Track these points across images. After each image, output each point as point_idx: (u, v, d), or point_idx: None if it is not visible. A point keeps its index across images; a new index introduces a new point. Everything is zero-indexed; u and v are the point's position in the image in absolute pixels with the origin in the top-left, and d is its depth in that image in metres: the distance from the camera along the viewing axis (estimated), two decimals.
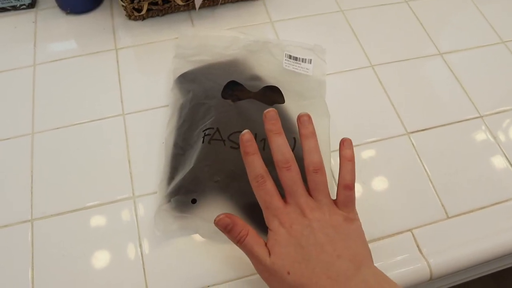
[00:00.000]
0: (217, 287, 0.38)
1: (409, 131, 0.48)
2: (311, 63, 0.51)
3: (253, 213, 0.38)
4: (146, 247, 0.40)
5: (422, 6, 0.60)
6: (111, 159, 0.44)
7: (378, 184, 0.45)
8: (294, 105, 0.47)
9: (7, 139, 0.46)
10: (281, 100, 0.47)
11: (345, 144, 0.38)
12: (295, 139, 0.43)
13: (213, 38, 0.52)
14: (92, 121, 0.47)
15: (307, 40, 0.53)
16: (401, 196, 0.44)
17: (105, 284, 0.38)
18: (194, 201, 0.39)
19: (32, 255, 0.39)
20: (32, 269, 0.38)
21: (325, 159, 0.38)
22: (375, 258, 0.35)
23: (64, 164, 0.44)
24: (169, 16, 0.57)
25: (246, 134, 0.36)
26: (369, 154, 0.46)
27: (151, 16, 0.56)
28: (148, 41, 0.54)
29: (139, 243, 0.40)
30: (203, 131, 0.42)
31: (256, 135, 0.42)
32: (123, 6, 0.54)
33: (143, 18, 0.56)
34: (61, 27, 0.55)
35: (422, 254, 0.40)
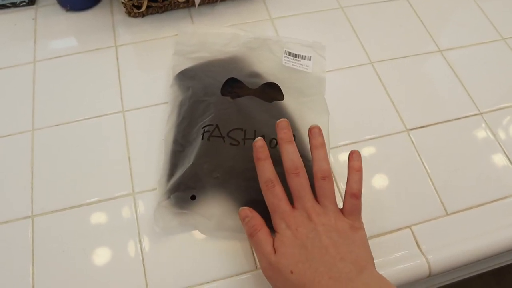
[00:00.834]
0: (217, 283, 0.38)
1: (408, 128, 0.48)
2: (310, 60, 0.51)
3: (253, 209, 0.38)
4: (146, 243, 0.40)
5: (422, 3, 0.60)
6: (110, 155, 0.45)
7: (377, 181, 0.45)
8: (293, 102, 0.47)
9: (7, 135, 0.46)
10: (280, 97, 0.47)
11: (354, 156, 0.38)
12: (294, 135, 0.43)
13: (212, 35, 0.52)
14: (92, 118, 0.47)
15: (306, 37, 0.53)
16: (400, 193, 0.44)
17: (105, 280, 0.38)
18: (193, 197, 0.40)
19: (33, 251, 0.39)
20: (33, 265, 0.38)
21: None
22: (374, 254, 0.35)
23: (64, 161, 0.44)
24: (168, 13, 0.57)
25: (259, 141, 0.38)
26: (368, 151, 0.47)
27: (151, 13, 0.56)
28: (147, 38, 0.54)
29: (139, 239, 0.40)
30: (202, 128, 0.42)
31: (255, 131, 0.42)
32: (122, 3, 0.54)
33: (142, 15, 0.56)
34: (61, 24, 0.55)
35: (421, 250, 0.40)
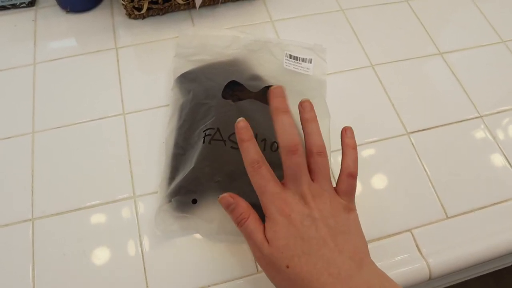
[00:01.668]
0: (217, 287, 0.38)
1: (409, 131, 0.48)
2: (311, 62, 0.51)
3: None
4: (147, 246, 0.40)
5: (423, 6, 0.60)
6: (111, 158, 0.45)
7: (377, 184, 0.45)
8: (294, 105, 0.47)
9: (7, 138, 0.46)
10: None
11: (348, 133, 0.37)
12: None
13: (213, 38, 0.52)
14: (92, 120, 0.47)
15: (307, 39, 0.53)
16: (400, 196, 0.44)
17: (106, 284, 0.38)
18: (194, 201, 0.40)
19: (33, 254, 0.39)
20: (33, 268, 0.38)
21: None
22: (374, 258, 0.35)
23: (65, 164, 0.44)
24: (169, 15, 0.56)
25: (241, 122, 0.34)
26: (369, 154, 0.47)
27: (151, 15, 0.56)
28: (148, 40, 0.54)
29: (140, 242, 0.40)
30: (203, 131, 0.42)
31: (256, 135, 0.42)
32: (123, 4, 0.54)
33: (143, 17, 0.56)
34: (61, 26, 0.55)
35: (421, 254, 0.41)
